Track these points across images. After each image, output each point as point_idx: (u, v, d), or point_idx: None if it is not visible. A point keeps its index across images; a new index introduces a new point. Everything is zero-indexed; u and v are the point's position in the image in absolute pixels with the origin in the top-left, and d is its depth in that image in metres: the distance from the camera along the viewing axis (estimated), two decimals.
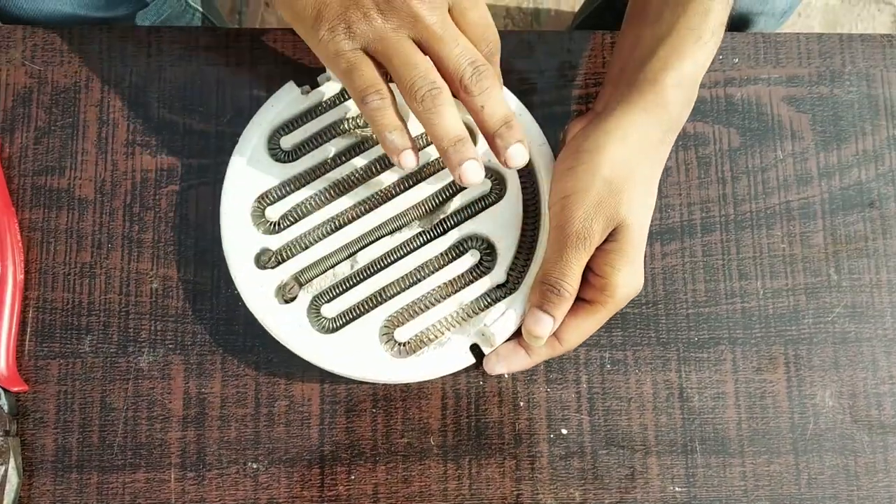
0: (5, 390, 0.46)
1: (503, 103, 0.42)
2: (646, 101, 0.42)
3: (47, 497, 0.46)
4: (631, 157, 0.42)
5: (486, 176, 0.48)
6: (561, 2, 1.15)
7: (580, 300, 0.44)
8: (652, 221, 0.49)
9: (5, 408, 0.46)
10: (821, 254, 0.50)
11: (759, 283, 0.50)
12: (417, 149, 0.42)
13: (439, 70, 0.41)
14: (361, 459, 0.47)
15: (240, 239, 0.46)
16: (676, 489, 0.47)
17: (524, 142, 0.43)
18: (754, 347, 0.49)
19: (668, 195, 0.51)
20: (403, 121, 0.42)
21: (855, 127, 0.52)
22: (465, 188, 0.47)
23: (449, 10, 0.41)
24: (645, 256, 0.49)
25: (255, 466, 0.47)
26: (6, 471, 0.45)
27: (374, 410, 0.47)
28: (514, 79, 0.51)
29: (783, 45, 0.53)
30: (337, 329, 0.46)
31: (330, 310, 0.46)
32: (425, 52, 0.41)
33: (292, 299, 0.46)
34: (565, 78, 0.52)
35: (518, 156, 0.42)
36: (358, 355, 0.45)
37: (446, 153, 0.41)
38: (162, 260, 0.48)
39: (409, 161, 0.42)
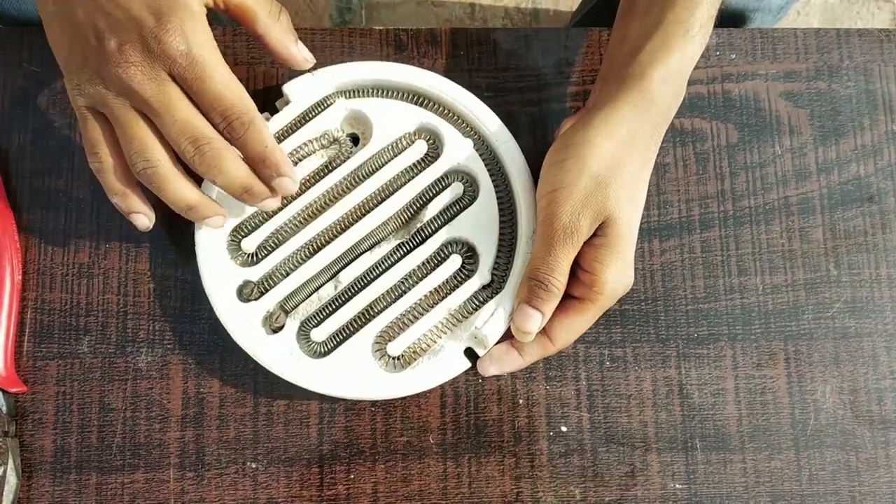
0: (4, 391, 0.46)
1: (236, 175, 0.41)
2: (633, 97, 0.42)
3: (46, 498, 0.46)
4: (618, 152, 0.42)
5: (457, 179, 0.48)
6: (559, 2, 1.15)
7: (570, 297, 0.44)
8: (650, 218, 0.50)
9: (4, 409, 0.46)
10: (820, 249, 0.50)
11: (759, 279, 0.50)
12: (147, 208, 0.43)
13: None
14: (360, 458, 0.47)
15: (220, 275, 0.46)
16: (677, 486, 0.47)
17: (271, 197, 0.43)
18: (754, 343, 0.49)
19: (667, 191, 0.51)
20: (128, 181, 0.42)
21: (853, 122, 0.52)
22: (439, 194, 0.47)
23: (174, 80, 0.40)
24: (644, 253, 0.50)
25: (254, 466, 0.47)
26: (5, 472, 0.45)
27: (372, 409, 0.47)
28: (510, 76, 0.51)
29: (780, 41, 0.52)
30: (329, 352, 0.46)
31: (319, 334, 0.46)
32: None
33: (280, 328, 0.46)
34: (562, 75, 0.52)
35: (268, 207, 0.44)
36: (353, 376, 0.45)
37: (186, 216, 0.43)
38: (159, 260, 0.48)
39: (138, 223, 0.44)
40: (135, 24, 0.39)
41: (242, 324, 0.46)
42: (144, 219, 0.43)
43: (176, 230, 0.49)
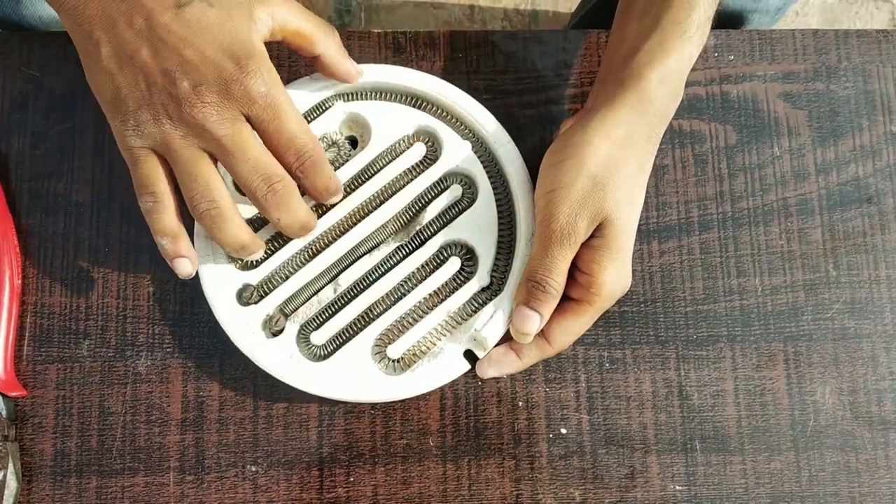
0: (4, 395, 0.46)
1: (299, 214, 0.42)
2: (630, 98, 0.42)
3: (46, 502, 0.46)
4: (616, 153, 0.42)
5: (456, 181, 0.48)
6: (559, 3, 1.15)
7: (568, 299, 0.44)
8: (649, 219, 0.50)
9: (3, 413, 0.46)
10: (819, 250, 0.50)
11: (758, 280, 0.50)
12: (193, 254, 0.43)
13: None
14: (360, 461, 0.47)
15: (219, 278, 0.46)
16: (677, 487, 0.47)
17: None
18: (753, 345, 0.49)
19: (665, 193, 0.51)
20: (179, 224, 0.42)
21: (852, 123, 0.52)
22: (438, 196, 0.48)
23: (249, 120, 0.41)
24: (643, 254, 0.49)
25: (253, 469, 0.47)
26: (5, 476, 0.45)
27: (372, 412, 0.47)
28: (509, 78, 0.51)
29: (778, 42, 0.52)
30: (329, 355, 0.46)
31: (319, 337, 0.46)
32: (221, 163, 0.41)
33: (280, 331, 0.46)
34: (561, 77, 0.52)
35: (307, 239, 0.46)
36: (353, 378, 0.45)
37: (234, 255, 0.43)
38: (159, 263, 0.48)
39: (181, 269, 0.43)
40: (212, 68, 0.39)
41: (242, 327, 0.45)
42: (189, 265, 0.43)
43: None
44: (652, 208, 0.50)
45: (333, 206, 0.47)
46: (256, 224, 0.47)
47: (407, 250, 0.47)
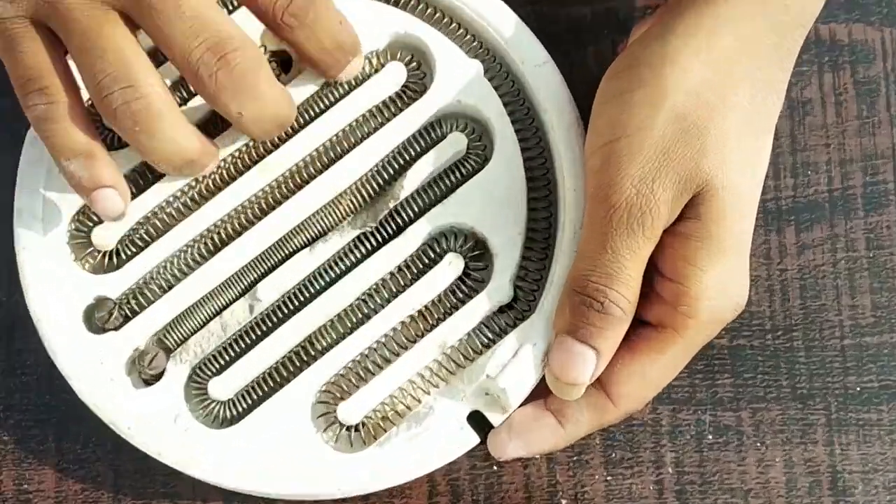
0: None
1: (274, 101, 0.34)
2: None
3: None
4: (720, 79, 0.34)
5: (457, 128, 0.39)
6: None
7: (642, 325, 0.35)
8: (778, 190, 0.40)
9: None
10: None
11: None
12: (121, 180, 0.34)
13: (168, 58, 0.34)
14: None
15: (54, 288, 0.36)
16: None
17: None
18: None
19: (806, 147, 0.40)
20: (92, 136, 0.33)
21: None
22: (425, 153, 0.38)
23: None
24: (769, 251, 0.40)
25: None
26: None
27: None
28: None
29: None
30: (239, 417, 0.36)
31: (223, 387, 0.36)
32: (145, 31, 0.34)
33: (157, 377, 0.36)
34: None
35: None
36: (280, 457, 0.35)
37: (177, 174, 0.36)
38: None
39: (107, 204, 0.34)
40: None
41: (93, 369, 0.35)
42: (117, 197, 0.34)
43: None
44: (783, 172, 0.39)
45: (272, 150, 0.36)
46: None
47: (374, 243, 0.37)
